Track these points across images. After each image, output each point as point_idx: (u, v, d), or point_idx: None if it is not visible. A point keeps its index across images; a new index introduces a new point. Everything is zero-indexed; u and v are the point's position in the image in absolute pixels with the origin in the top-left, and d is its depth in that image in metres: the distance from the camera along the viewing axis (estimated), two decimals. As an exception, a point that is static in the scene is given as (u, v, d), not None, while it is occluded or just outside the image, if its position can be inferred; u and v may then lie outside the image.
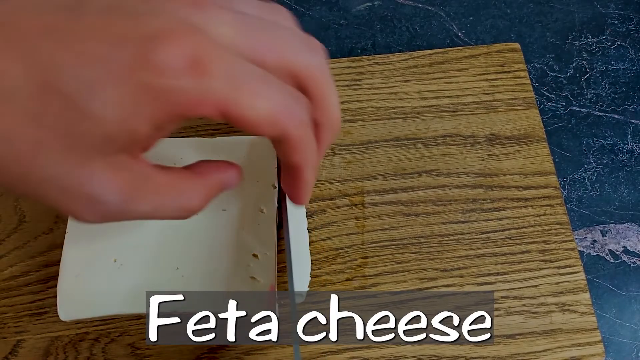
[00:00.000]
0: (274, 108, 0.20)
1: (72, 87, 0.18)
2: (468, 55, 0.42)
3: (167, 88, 0.18)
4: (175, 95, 0.18)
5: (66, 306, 0.30)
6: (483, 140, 0.39)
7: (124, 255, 0.31)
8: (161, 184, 0.21)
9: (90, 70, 0.18)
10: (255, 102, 0.19)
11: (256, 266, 0.31)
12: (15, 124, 0.18)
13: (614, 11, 0.47)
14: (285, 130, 0.20)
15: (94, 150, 0.19)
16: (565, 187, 0.40)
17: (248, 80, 0.19)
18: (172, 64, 0.18)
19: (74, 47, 0.18)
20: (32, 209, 0.37)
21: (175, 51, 0.18)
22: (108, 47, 0.18)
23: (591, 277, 0.37)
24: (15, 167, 0.18)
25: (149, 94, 0.18)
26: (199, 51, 0.18)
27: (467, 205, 0.37)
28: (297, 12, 0.48)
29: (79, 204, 0.20)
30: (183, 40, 0.18)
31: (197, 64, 0.18)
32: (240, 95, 0.19)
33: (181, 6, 0.19)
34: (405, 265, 0.35)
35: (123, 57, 0.18)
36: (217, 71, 0.18)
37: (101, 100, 0.18)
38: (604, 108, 0.43)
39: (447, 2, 0.48)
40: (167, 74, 0.18)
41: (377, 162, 0.38)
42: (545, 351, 0.32)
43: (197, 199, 0.22)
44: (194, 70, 0.18)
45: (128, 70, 0.18)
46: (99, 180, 0.19)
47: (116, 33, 0.18)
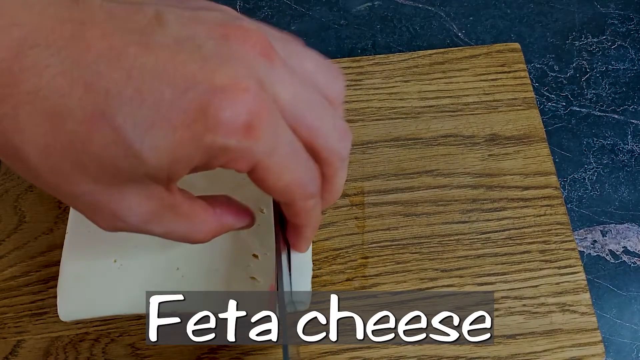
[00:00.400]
0: (293, 182, 0.21)
1: (126, 124, 0.17)
2: (468, 55, 0.42)
3: (217, 145, 0.18)
4: (221, 152, 0.19)
5: (66, 306, 0.30)
6: (483, 141, 0.39)
7: (124, 256, 0.31)
8: (181, 213, 0.22)
9: (149, 111, 0.17)
10: (282, 173, 0.20)
11: (256, 266, 0.31)
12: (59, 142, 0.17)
13: (614, 11, 0.47)
14: (293, 201, 0.22)
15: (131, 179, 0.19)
16: (566, 187, 0.40)
17: (283, 151, 0.20)
18: (230, 123, 0.18)
19: (137, 81, 0.17)
20: (32, 209, 0.37)
21: (236, 111, 0.18)
22: (172, 91, 0.17)
23: (591, 277, 0.37)
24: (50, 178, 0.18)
25: (199, 148, 0.18)
26: (256, 115, 0.18)
27: (467, 205, 0.36)
28: (297, 12, 0.48)
29: (99, 215, 0.20)
30: (246, 100, 0.18)
31: (251, 127, 0.18)
32: (272, 164, 0.20)
33: (252, 54, 0.19)
34: (406, 265, 0.35)
35: (185, 106, 0.17)
36: (263, 137, 0.19)
37: (152, 144, 0.18)
38: (604, 108, 0.43)
39: (447, 2, 0.48)
40: (222, 132, 0.18)
41: (377, 162, 0.38)
42: (546, 351, 0.32)
43: (204, 234, 0.23)
44: (246, 133, 0.18)
45: (187, 121, 0.18)
46: (128, 203, 0.20)
47: (183, 76, 0.18)
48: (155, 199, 0.20)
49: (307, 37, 0.46)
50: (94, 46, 0.17)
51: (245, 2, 0.48)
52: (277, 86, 0.19)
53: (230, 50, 0.19)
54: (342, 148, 0.23)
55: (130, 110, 0.17)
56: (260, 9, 0.48)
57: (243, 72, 0.18)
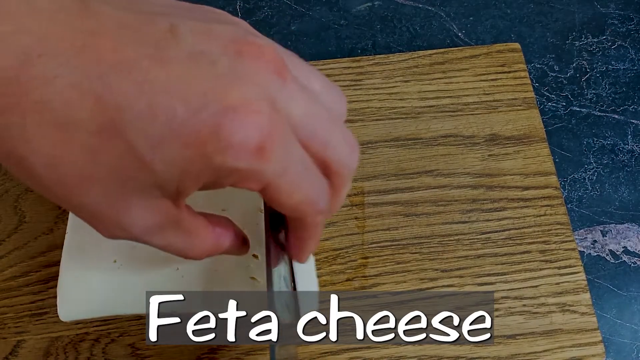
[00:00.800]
0: (304, 200, 0.21)
1: (138, 137, 0.17)
2: (468, 55, 0.42)
3: (227, 166, 0.18)
4: (231, 173, 0.19)
5: (66, 306, 0.30)
6: (483, 141, 0.39)
7: (124, 256, 0.31)
8: (183, 229, 0.22)
9: (161, 127, 0.17)
10: (293, 192, 0.21)
11: (256, 266, 0.31)
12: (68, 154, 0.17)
13: (614, 11, 0.47)
14: (303, 217, 0.22)
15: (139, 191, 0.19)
16: (566, 187, 0.40)
17: (294, 170, 0.20)
18: (241, 145, 0.18)
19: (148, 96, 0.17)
20: (32, 210, 0.37)
21: (247, 133, 0.18)
22: (184, 109, 0.17)
23: (591, 277, 0.37)
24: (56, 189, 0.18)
25: (209, 167, 0.18)
26: (267, 137, 0.18)
27: (468, 205, 0.36)
28: (297, 12, 0.48)
29: (102, 225, 0.20)
30: (258, 122, 0.18)
31: (262, 150, 0.18)
32: (283, 183, 0.20)
33: (265, 72, 0.19)
34: (406, 265, 0.35)
35: (197, 126, 0.17)
36: (274, 159, 0.19)
37: (163, 159, 0.18)
38: (604, 108, 0.43)
39: (447, 2, 0.48)
40: (232, 154, 0.18)
41: (377, 163, 0.38)
42: (546, 351, 0.32)
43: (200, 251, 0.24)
44: (257, 155, 0.18)
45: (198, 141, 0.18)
46: (134, 215, 0.20)
47: (196, 93, 0.17)
48: (161, 213, 0.20)
49: (307, 37, 0.46)
50: (105, 58, 0.17)
51: (245, 2, 0.48)
52: (289, 104, 0.19)
53: (243, 67, 0.18)
54: (352, 160, 0.23)
55: (141, 125, 0.17)
56: (260, 9, 0.48)
57: (255, 92, 0.18)
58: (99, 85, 0.17)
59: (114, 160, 0.18)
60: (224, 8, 0.50)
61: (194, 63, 0.18)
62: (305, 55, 0.45)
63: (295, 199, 0.21)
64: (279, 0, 0.48)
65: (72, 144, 0.17)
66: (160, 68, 0.17)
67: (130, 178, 0.18)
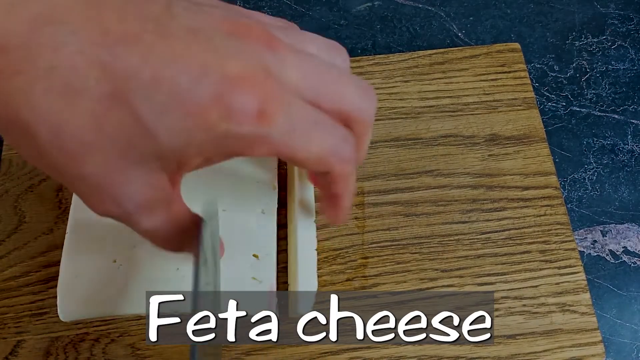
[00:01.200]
0: (324, 150, 0.21)
1: (143, 106, 0.18)
2: (468, 55, 0.42)
3: (230, 133, 0.19)
4: (236, 139, 0.19)
5: (66, 307, 0.30)
6: (483, 141, 0.39)
7: (124, 256, 0.31)
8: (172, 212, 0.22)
9: (165, 96, 0.18)
10: (309, 146, 0.21)
11: (256, 266, 0.31)
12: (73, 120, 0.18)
13: (614, 11, 0.47)
14: (330, 168, 0.22)
15: (140, 163, 0.19)
16: (566, 187, 0.40)
17: (303, 126, 0.21)
18: (243, 110, 0.19)
19: (154, 66, 0.18)
20: (32, 209, 0.37)
21: (249, 98, 0.19)
22: (187, 79, 0.18)
23: (591, 277, 0.37)
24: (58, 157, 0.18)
25: (212, 133, 0.19)
26: (268, 101, 0.19)
27: (468, 205, 0.36)
28: (297, 12, 0.48)
29: (98, 198, 0.20)
30: (258, 88, 0.19)
31: (264, 113, 0.19)
32: (296, 141, 0.20)
33: (258, 46, 0.20)
34: (406, 265, 0.35)
35: (199, 94, 0.18)
36: (277, 121, 0.19)
37: (167, 126, 0.18)
38: (604, 108, 0.43)
39: (447, 2, 0.48)
40: (235, 119, 0.19)
41: (377, 163, 0.38)
42: (546, 351, 0.32)
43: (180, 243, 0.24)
44: (259, 119, 0.19)
45: (201, 107, 0.18)
46: (131, 188, 0.20)
47: (197, 64, 0.18)
48: (156, 188, 0.20)
49: (307, 37, 0.46)
50: (111, 30, 0.17)
51: (245, 2, 0.48)
52: (286, 71, 0.20)
53: (235, 44, 0.19)
54: (368, 104, 0.23)
55: (146, 93, 0.18)
56: (260, 9, 0.48)
57: (251, 63, 0.19)
58: (106, 55, 0.17)
59: (118, 128, 0.18)
60: (224, 8, 0.50)
61: (193, 37, 0.19)
62: (305, 55, 0.45)
63: (314, 151, 0.21)
64: (279, 0, 0.48)
65: (77, 110, 0.17)
66: (162, 41, 0.18)
67: (132, 147, 0.18)
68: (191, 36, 0.19)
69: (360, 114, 0.23)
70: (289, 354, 0.32)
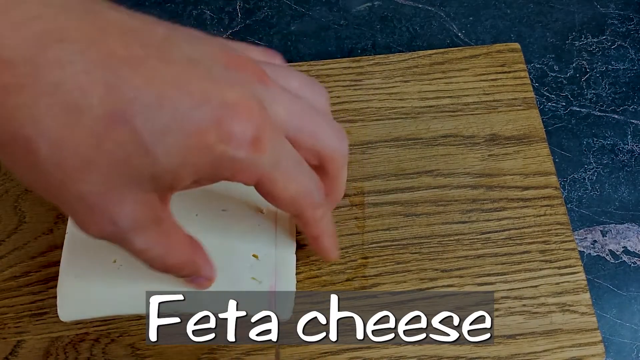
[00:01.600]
0: (298, 193, 0.23)
1: (144, 126, 0.18)
2: (468, 55, 0.42)
3: (226, 156, 0.20)
4: (230, 163, 0.20)
5: (66, 307, 0.30)
6: (483, 141, 0.39)
7: (124, 256, 0.31)
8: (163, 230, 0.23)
9: (167, 117, 0.18)
10: (287, 183, 0.22)
11: (256, 266, 0.31)
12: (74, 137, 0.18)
13: (614, 11, 0.47)
14: (301, 211, 0.24)
15: (135, 182, 0.20)
16: (566, 187, 0.40)
17: (286, 163, 0.22)
18: (240, 135, 0.20)
19: (157, 89, 0.18)
20: (32, 210, 0.37)
21: (246, 125, 0.20)
22: (189, 102, 0.19)
23: (591, 277, 0.37)
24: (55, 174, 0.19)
25: (209, 155, 0.20)
26: (262, 130, 0.20)
27: (467, 205, 0.36)
28: (297, 12, 0.48)
29: (93, 218, 0.20)
30: (255, 117, 0.20)
31: (258, 141, 0.20)
32: (278, 175, 0.22)
33: (251, 80, 0.21)
34: (406, 265, 0.35)
35: (201, 116, 0.19)
36: (268, 150, 0.21)
37: (167, 147, 0.19)
38: (604, 108, 0.43)
39: (447, 2, 0.48)
40: (232, 144, 0.20)
41: (377, 163, 0.38)
42: (546, 351, 0.32)
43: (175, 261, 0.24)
44: (254, 146, 0.20)
45: (201, 129, 0.19)
46: (125, 208, 0.20)
47: (199, 90, 0.19)
48: (149, 207, 0.21)
49: (307, 37, 0.46)
50: (116, 53, 0.18)
51: (245, 2, 0.48)
52: (274, 105, 0.22)
53: (233, 74, 0.21)
54: (342, 146, 0.25)
55: (149, 114, 0.18)
56: (260, 9, 0.48)
57: (248, 93, 0.20)
58: (110, 76, 0.18)
59: (118, 146, 0.18)
60: (224, 8, 0.50)
61: (192, 66, 0.20)
62: (305, 55, 0.45)
63: (290, 190, 0.23)
64: (279, 0, 0.48)
65: (79, 128, 0.18)
66: (165, 66, 0.19)
67: (130, 166, 0.19)
68: (192, 65, 0.19)
69: (333, 153, 0.24)
70: (289, 354, 0.32)
